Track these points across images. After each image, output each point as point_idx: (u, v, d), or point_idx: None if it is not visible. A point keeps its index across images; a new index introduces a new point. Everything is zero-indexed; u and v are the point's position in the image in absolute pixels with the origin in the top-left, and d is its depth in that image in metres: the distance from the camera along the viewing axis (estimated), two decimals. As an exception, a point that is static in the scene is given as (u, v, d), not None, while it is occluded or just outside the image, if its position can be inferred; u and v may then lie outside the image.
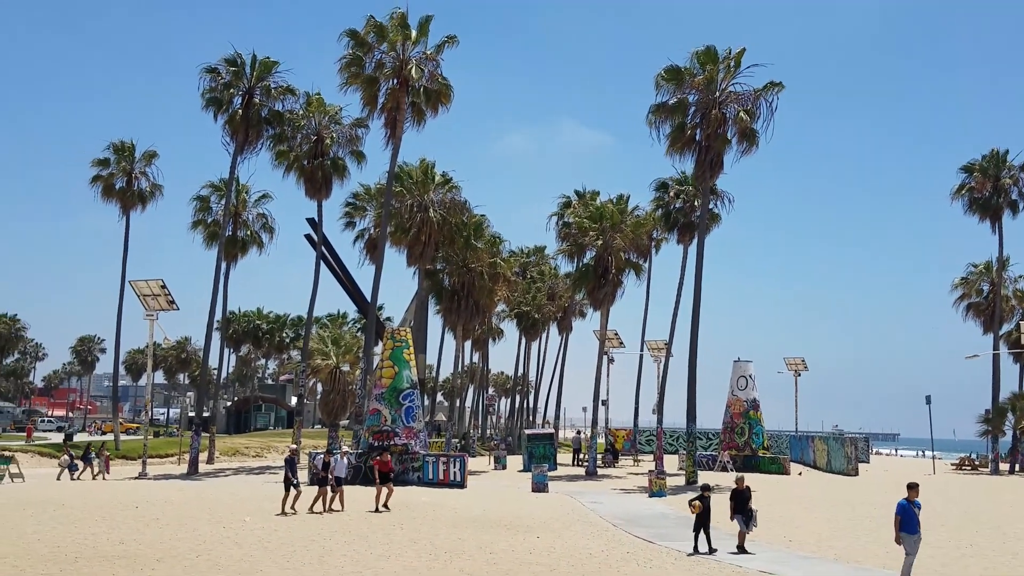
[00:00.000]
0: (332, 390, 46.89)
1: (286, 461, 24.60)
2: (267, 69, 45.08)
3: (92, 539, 18.99)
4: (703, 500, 19.02)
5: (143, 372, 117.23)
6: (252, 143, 45.53)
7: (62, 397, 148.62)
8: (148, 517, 22.31)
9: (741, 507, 19.26)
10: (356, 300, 55.77)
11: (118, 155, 55.68)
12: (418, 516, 23.43)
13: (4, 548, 17.58)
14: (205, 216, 53.62)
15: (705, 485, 19.77)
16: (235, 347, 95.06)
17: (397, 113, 42.13)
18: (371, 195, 51.33)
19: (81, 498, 26.51)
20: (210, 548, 18.34)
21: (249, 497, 27.57)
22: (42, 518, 21.85)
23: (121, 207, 55.96)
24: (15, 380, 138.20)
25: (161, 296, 41.38)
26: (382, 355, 36.62)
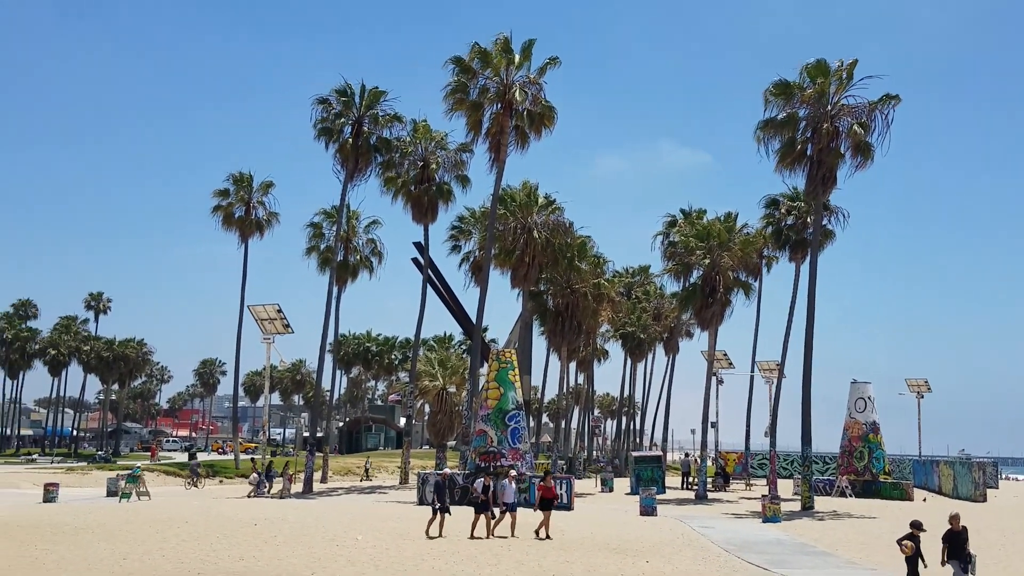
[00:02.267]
0: (439, 411, 47.45)
1: (436, 485, 24.22)
2: (376, 98, 46.25)
3: (213, 555, 19.64)
4: (914, 539, 16.01)
5: (261, 393, 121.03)
6: (362, 170, 46.72)
7: (186, 418, 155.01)
8: (266, 534, 22.90)
9: (957, 551, 16.40)
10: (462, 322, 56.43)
11: (237, 185, 58.09)
12: (525, 538, 23.40)
13: (132, 564, 18.41)
14: (318, 242, 55.23)
15: (916, 523, 16.45)
16: (346, 369, 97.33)
17: (501, 137, 42.61)
18: (476, 218, 51.94)
19: (203, 515, 27.47)
20: (324, 565, 18.75)
21: (361, 516, 28.05)
22: (167, 535, 22.73)
23: (240, 235, 58.30)
24: (142, 402, 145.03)
25: (277, 320, 42.69)
26: (488, 376, 36.82)
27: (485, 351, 47.81)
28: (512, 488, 24.39)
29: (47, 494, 36.16)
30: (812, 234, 41.32)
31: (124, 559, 18.97)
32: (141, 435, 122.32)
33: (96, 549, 20.28)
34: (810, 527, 29.86)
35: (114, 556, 19.34)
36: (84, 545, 20.93)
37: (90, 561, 18.72)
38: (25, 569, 17.87)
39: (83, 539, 21.90)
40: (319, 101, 45.68)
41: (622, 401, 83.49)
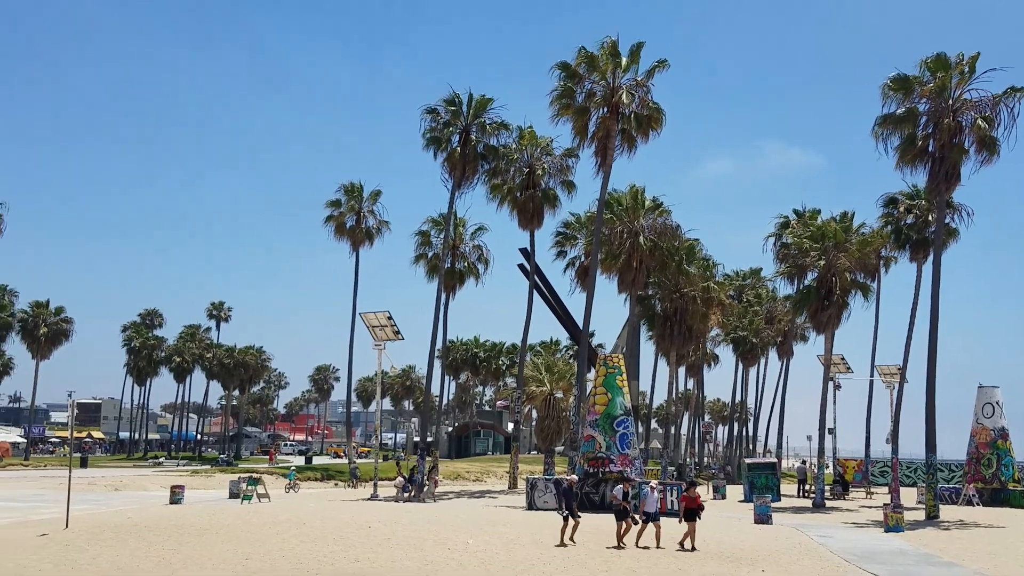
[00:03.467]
0: (547, 416, 47.43)
1: (564, 492, 23.76)
2: (483, 106, 46.70)
3: (330, 557, 20.07)
4: None
5: (372, 399, 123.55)
6: (469, 178, 47.23)
7: (302, 423, 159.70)
8: (380, 537, 23.26)
9: None
10: (568, 327, 56.27)
11: (348, 195, 59.50)
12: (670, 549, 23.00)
13: (255, 564, 18.98)
14: (426, 250, 56.04)
15: None
16: (455, 374, 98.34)
17: (608, 141, 42.39)
18: (581, 223, 51.78)
19: (320, 518, 28.14)
20: (437, 569, 18.93)
21: (471, 520, 28.23)
22: (286, 536, 23.34)
23: (351, 244, 59.64)
24: (261, 407, 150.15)
25: (388, 327, 43.40)
26: (595, 382, 36.59)
27: (592, 356, 47.56)
28: (654, 497, 23.55)
29: (173, 496, 37.73)
30: (935, 233, 39.60)
31: (246, 559, 19.57)
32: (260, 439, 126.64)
33: (220, 549, 20.99)
34: (935, 537, 28.58)
35: (237, 556, 19.97)
36: (208, 545, 21.69)
37: (215, 561, 19.39)
38: (153, 568, 18.63)
39: (207, 539, 22.70)
40: (428, 111, 46.40)
41: (734, 407, 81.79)
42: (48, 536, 23.69)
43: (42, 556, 20.21)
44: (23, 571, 18.34)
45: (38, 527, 26.00)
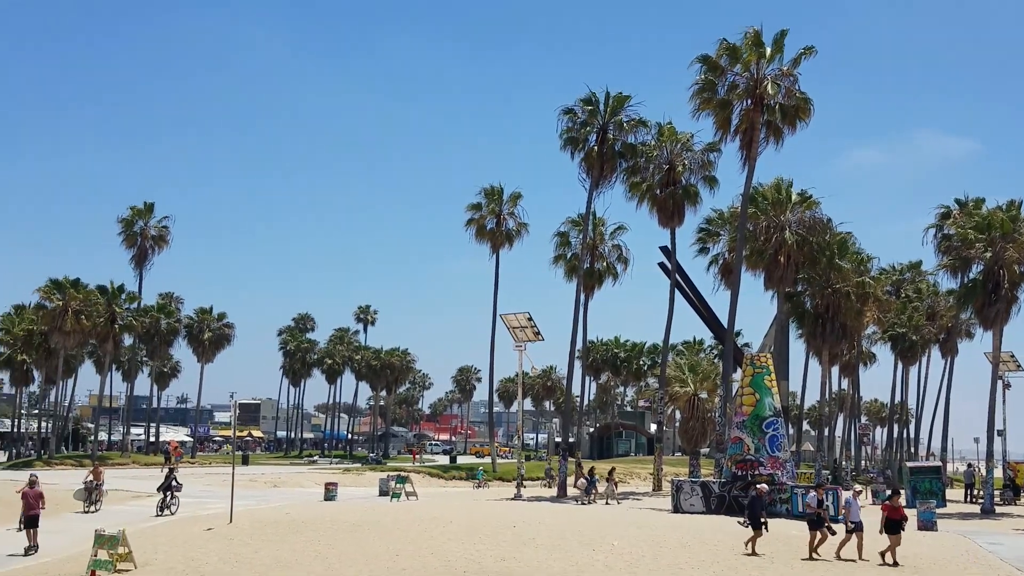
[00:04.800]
0: (691, 417, 46.53)
1: (752, 501, 22.59)
2: (620, 104, 46.26)
3: (476, 556, 20.25)
4: None
5: (514, 399, 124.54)
6: (607, 177, 46.87)
7: (446, 423, 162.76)
8: (525, 537, 23.31)
9: None
10: (712, 326, 54.99)
11: (488, 198, 60.32)
12: (789, 550, 22.23)
13: (404, 561, 19.38)
14: (565, 250, 56.05)
15: None
16: (595, 375, 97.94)
17: (752, 134, 41.23)
18: (724, 219, 50.55)
19: (464, 516, 28.51)
20: (582, 570, 18.81)
21: (615, 522, 27.95)
22: (433, 533, 23.74)
23: (491, 246, 60.47)
24: (407, 407, 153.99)
25: (528, 328, 43.67)
26: (742, 382, 35.59)
27: (738, 356, 46.29)
28: (857, 505, 21.88)
29: (327, 493, 39.11)
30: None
31: (397, 555, 20.00)
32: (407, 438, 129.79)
33: (372, 545, 21.54)
34: (1122, 548, 26.29)
35: (388, 552, 20.44)
36: (361, 541, 22.30)
37: (367, 556, 19.90)
38: (311, 562, 19.30)
39: (360, 535, 23.35)
40: (564, 112, 46.34)
41: (893, 407, 78.01)
42: (213, 530, 24.94)
43: (208, 550, 21.28)
44: (192, 564, 19.35)
45: (205, 522, 27.43)
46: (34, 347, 71.32)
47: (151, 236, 71.83)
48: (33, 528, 22.52)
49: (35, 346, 71.01)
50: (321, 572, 18.03)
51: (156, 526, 27.34)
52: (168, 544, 22.30)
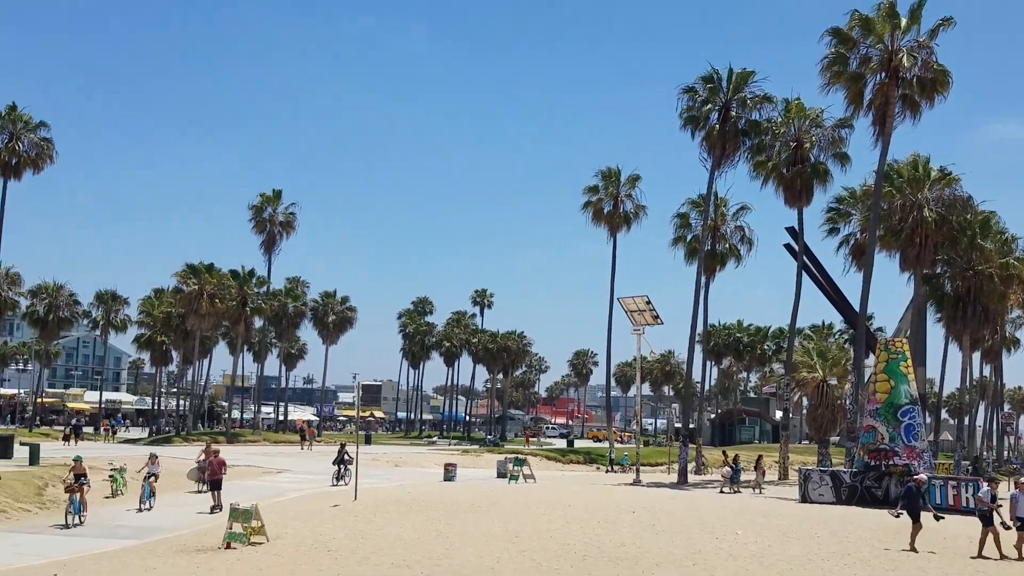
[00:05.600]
0: (819, 404, 44.91)
1: (907, 491, 21.24)
2: (743, 80, 44.85)
3: (596, 540, 20.00)
4: None
5: (632, 383, 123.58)
6: (729, 156, 45.57)
7: (562, 406, 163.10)
8: (645, 523, 22.95)
9: None
10: (842, 310, 52.84)
11: (605, 181, 59.65)
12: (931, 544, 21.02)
13: (524, 542, 19.30)
14: (685, 232, 54.90)
15: None
16: (716, 360, 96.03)
17: (886, 108, 39.34)
18: (856, 198, 48.42)
19: (583, 500, 28.27)
20: (705, 557, 18.31)
21: (739, 510, 27.19)
22: (552, 516, 23.59)
23: (609, 229, 59.82)
24: (523, 390, 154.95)
25: (646, 311, 42.98)
26: (875, 368, 34.02)
27: (871, 341, 44.30)
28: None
29: (447, 473, 39.59)
30: None
31: (516, 537, 19.94)
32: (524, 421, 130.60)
33: (491, 526, 21.57)
34: None
35: (507, 533, 20.41)
36: (480, 522, 22.37)
37: (486, 536, 19.91)
38: (432, 540, 19.44)
39: (479, 516, 23.43)
40: (685, 91, 45.23)
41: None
42: (340, 507, 25.53)
43: (336, 526, 21.77)
44: (320, 538, 19.80)
45: (331, 498, 28.15)
46: (172, 329, 75.04)
47: (279, 222, 74.27)
48: (217, 490, 26.22)
49: (173, 328, 74.69)
50: (442, 551, 18.12)
51: (285, 502, 28.20)
52: (296, 519, 22.92)
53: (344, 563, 16.79)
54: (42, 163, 55.56)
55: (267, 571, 15.95)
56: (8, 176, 54.41)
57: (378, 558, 17.18)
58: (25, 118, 54.87)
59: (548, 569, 16.29)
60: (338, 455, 36.20)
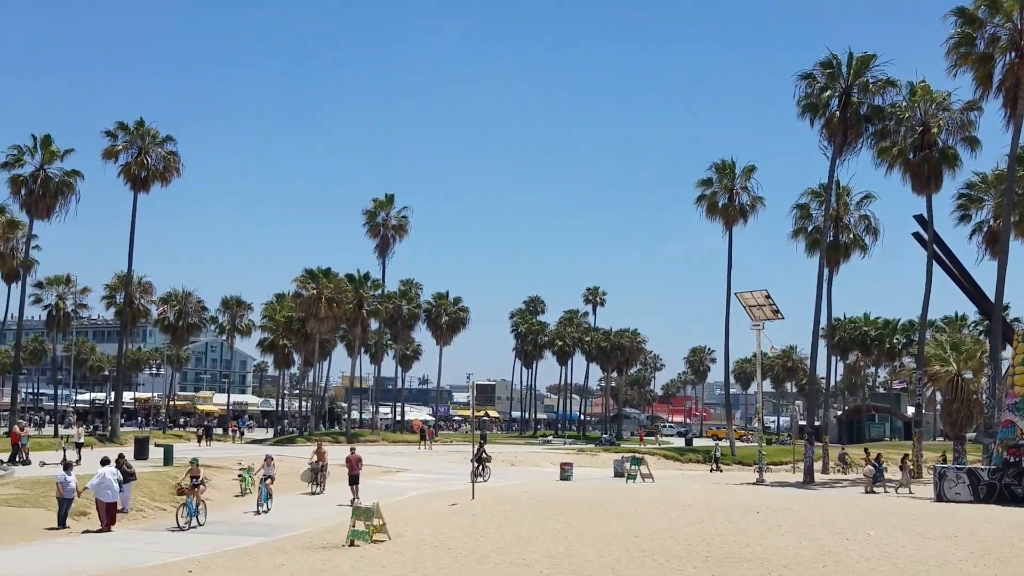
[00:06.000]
0: (953, 399, 42.89)
1: None
2: (864, 64, 43.26)
3: (719, 540, 19.48)
4: None
5: (752, 380, 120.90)
6: (851, 144, 44.04)
7: (679, 404, 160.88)
8: (770, 523, 22.29)
9: None
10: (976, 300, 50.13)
11: (720, 173, 58.56)
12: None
13: (644, 542, 18.95)
14: (805, 223, 53.25)
15: None
16: (842, 354, 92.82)
17: (1018, 89, 37.23)
18: (988, 183, 46.03)
19: (703, 500, 27.68)
20: (836, 559, 17.61)
21: (870, 510, 26.09)
22: (672, 516, 23.14)
23: (724, 223, 58.70)
24: (639, 388, 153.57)
25: (766, 306, 41.98)
26: (1013, 360, 32.26)
27: (1007, 332, 41.90)
28: None
29: (563, 472, 39.48)
30: None
31: (636, 537, 19.61)
32: (640, 420, 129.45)
33: (610, 526, 21.28)
34: None
35: (626, 533, 20.09)
36: (599, 521, 22.11)
37: (606, 537, 19.65)
38: (550, 540, 19.30)
39: (597, 516, 23.17)
40: (802, 77, 43.90)
41: None
42: (457, 506, 25.72)
43: (454, 524, 21.90)
44: (439, 537, 19.95)
45: (448, 498, 28.42)
46: (293, 332, 77.44)
47: (392, 226, 75.83)
48: (355, 485, 28.65)
49: (294, 331, 77.07)
50: (561, 551, 17.96)
51: (404, 501, 28.65)
52: (416, 518, 23.18)
53: (464, 561, 16.83)
54: (169, 176, 58.14)
55: (390, 568, 16.12)
56: (138, 189, 57.13)
57: (497, 557, 17.16)
58: (152, 132, 57.49)
59: (670, 570, 15.92)
60: (476, 452, 37.26)
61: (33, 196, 52.82)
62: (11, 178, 52.94)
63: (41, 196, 52.88)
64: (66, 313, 68.67)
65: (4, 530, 19.85)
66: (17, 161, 53.05)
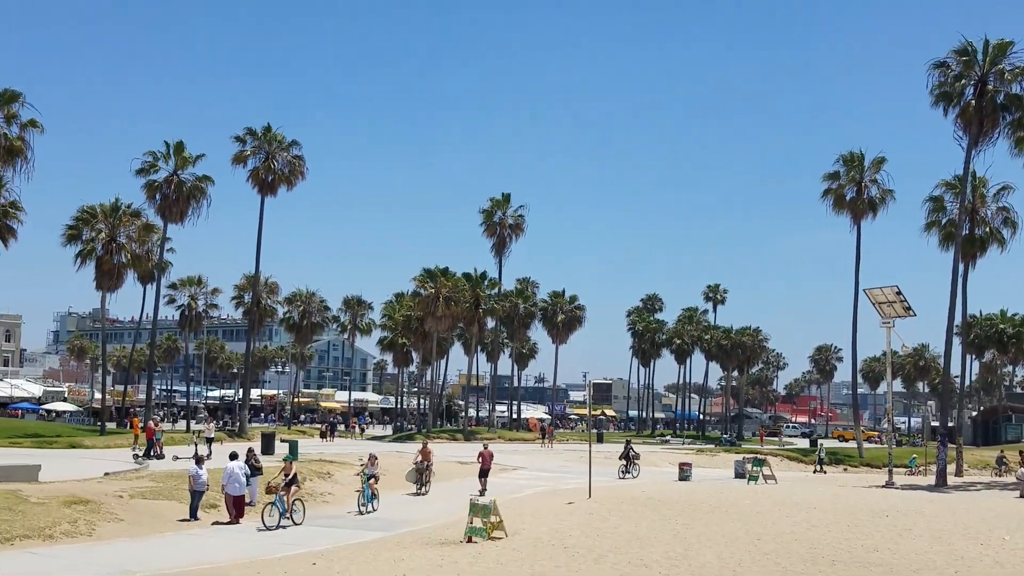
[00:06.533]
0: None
1: None
2: (1001, 52, 41.14)
3: (845, 544, 18.91)
4: None
5: (881, 380, 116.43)
6: (987, 133, 41.93)
7: (804, 404, 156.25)
8: (900, 527, 21.53)
9: None
10: None
11: (847, 166, 56.70)
12: None
13: (767, 545, 18.48)
14: (939, 216, 50.87)
15: None
16: (977, 353, 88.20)
17: None
18: None
19: (831, 502, 26.82)
20: (968, 565, 16.90)
21: (1006, 514, 24.79)
22: (796, 519, 22.55)
23: (852, 217, 56.76)
24: (760, 388, 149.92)
25: (896, 303, 40.48)
26: None
27: None
28: None
29: (682, 473, 38.90)
30: None
31: (758, 539, 19.16)
32: (762, 420, 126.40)
33: (730, 527, 20.87)
34: None
35: (748, 535, 19.65)
36: (719, 522, 21.71)
37: (727, 538, 19.26)
38: (669, 540, 19.04)
39: (717, 517, 22.76)
40: (935, 65, 42.02)
41: None
42: (574, 504, 25.69)
43: (571, 523, 21.88)
44: (556, 535, 19.96)
45: (565, 496, 28.42)
46: (412, 331, 78.89)
47: (508, 225, 76.32)
48: (484, 478, 30.61)
49: (412, 330, 78.50)
50: (680, 551, 17.68)
51: (521, 498, 28.77)
52: (533, 516, 23.27)
53: (581, 560, 16.76)
54: (295, 179, 59.94)
55: (507, 566, 16.20)
56: (265, 193, 59.14)
57: (615, 556, 17.03)
58: (279, 138, 59.39)
59: (795, 573, 15.47)
60: (624, 450, 40.14)
61: (167, 201, 54.74)
62: (147, 184, 54.97)
63: (175, 200, 54.75)
64: (197, 313, 71.52)
65: (140, 521, 20.85)
66: (152, 167, 55.07)
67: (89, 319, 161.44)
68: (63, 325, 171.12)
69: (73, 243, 52.33)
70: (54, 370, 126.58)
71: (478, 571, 15.61)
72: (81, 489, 22.51)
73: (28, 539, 18.01)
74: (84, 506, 20.65)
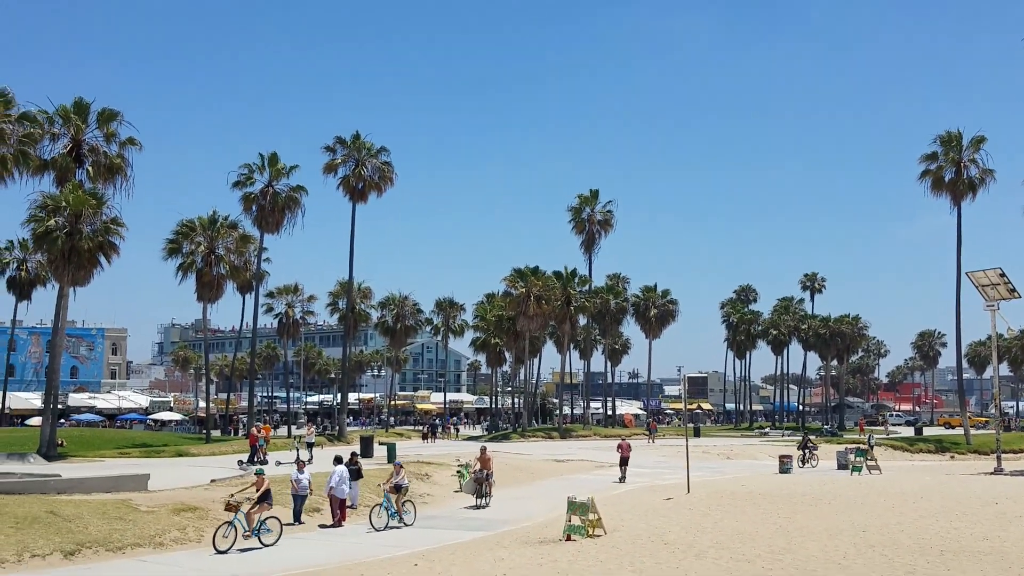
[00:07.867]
0: None
1: None
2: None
3: (954, 533, 18.47)
4: None
5: (987, 365, 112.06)
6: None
7: (907, 392, 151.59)
8: (1011, 514, 20.91)
9: None
10: None
11: (945, 146, 55.14)
12: None
13: (873, 537, 18.17)
14: (1042, 194, 48.94)
15: None
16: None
17: None
18: None
19: (937, 492, 26.14)
20: (1087, 555, 16.22)
21: None
22: (902, 510, 22.08)
23: (951, 198, 55.16)
24: (861, 376, 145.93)
25: (1001, 285, 39.29)
26: None
27: None
28: None
29: (782, 465, 38.33)
30: None
31: (863, 531, 18.85)
32: (864, 409, 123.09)
33: (834, 520, 20.57)
34: None
35: (853, 528, 19.35)
36: (822, 515, 21.41)
37: (830, 531, 19.00)
38: (772, 535, 18.88)
39: (821, 509, 22.44)
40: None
41: None
42: (673, 500, 25.63)
43: (670, 518, 21.87)
44: (656, 531, 19.98)
45: (663, 491, 28.36)
46: (504, 331, 79.44)
47: (597, 221, 76.18)
48: (624, 466, 34.84)
49: (504, 330, 79.04)
50: (783, 545, 17.53)
51: (619, 495, 28.84)
52: (631, 512, 23.32)
53: (682, 556, 16.78)
54: (384, 185, 61.02)
55: (607, 563, 16.33)
56: (356, 200, 60.41)
57: (716, 552, 16.99)
58: (368, 145, 60.56)
59: (902, 564, 15.16)
60: (802, 441, 42.01)
61: (263, 212, 56.13)
62: (243, 196, 56.46)
63: (270, 211, 56.11)
64: (295, 320, 73.53)
65: (246, 525, 21.60)
66: (248, 179, 56.55)
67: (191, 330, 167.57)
68: (167, 336, 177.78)
69: (174, 256, 53.72)
70: (160, 381, 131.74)
71: (578, 569, 15.78)
72: (189, 497, 23.40)
73: (139, 547, 18.82)
74: (192, 513, 21.46)
